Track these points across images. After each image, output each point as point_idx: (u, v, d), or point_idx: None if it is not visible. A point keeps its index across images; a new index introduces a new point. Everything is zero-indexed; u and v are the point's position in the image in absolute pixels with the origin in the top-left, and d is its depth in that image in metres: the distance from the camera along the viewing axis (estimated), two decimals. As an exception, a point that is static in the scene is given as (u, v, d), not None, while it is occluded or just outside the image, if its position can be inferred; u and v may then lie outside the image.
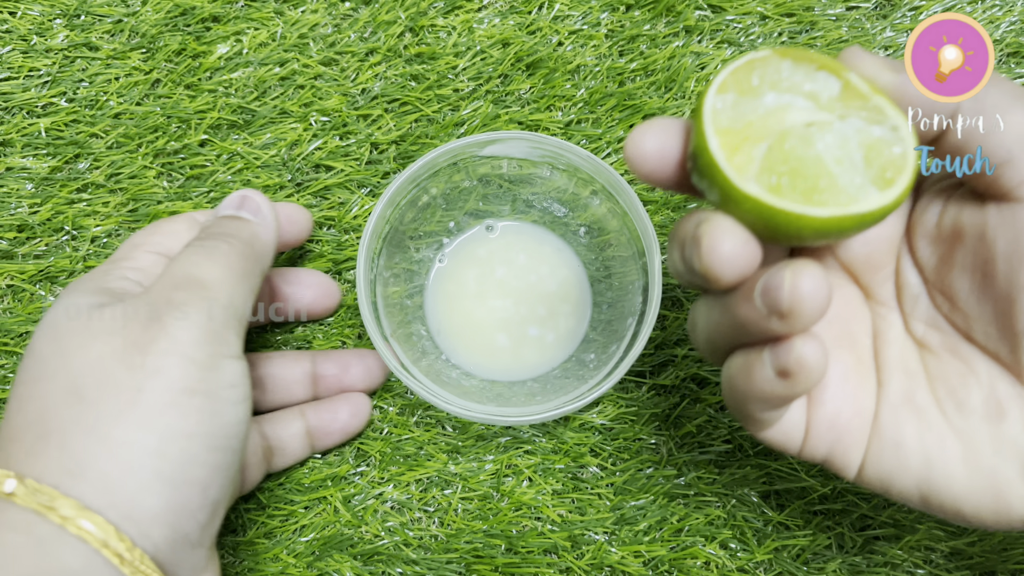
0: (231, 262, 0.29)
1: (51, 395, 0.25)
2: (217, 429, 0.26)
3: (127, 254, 0.32)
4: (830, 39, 0.42)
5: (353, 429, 0.36)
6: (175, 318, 0.26)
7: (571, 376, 0.37)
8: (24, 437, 0.25)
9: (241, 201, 0.32)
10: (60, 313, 0.28)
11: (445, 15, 0.43)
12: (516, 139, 0.35)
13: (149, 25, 0.42)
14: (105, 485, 0.24)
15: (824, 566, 0.37)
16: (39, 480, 0.24)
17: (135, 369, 0.25)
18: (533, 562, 0.36)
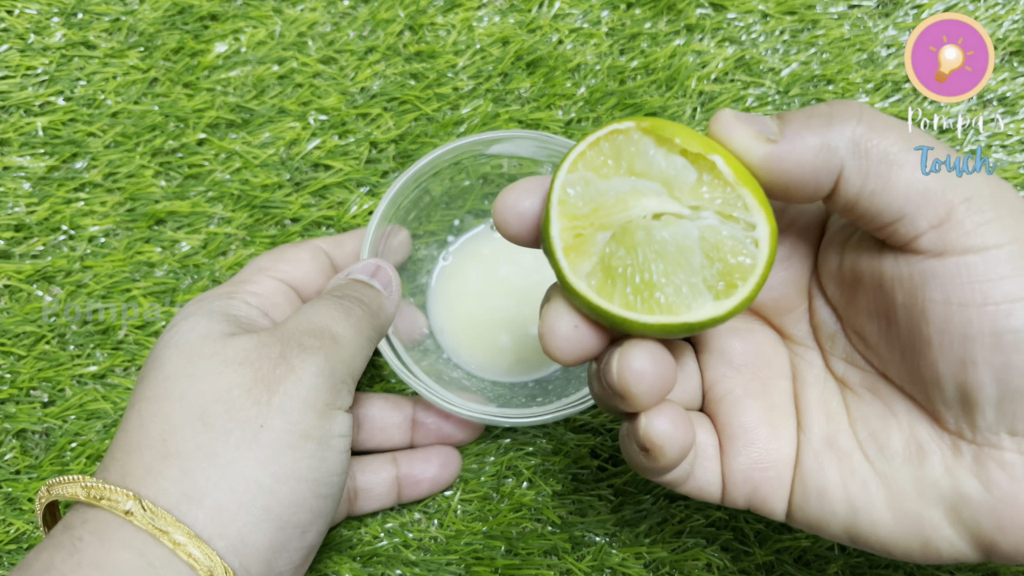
0: (362, 327, 0.30)
1: (177, 416, 0.26)
2: (324, 476, 0.27)
3: (250, 277, 0.32)
4: (832, 37, 0.42)
5: (443, 482, 0.36)
6: (304, 361, 0.27)
7: (573, 378, 0.37)
8: (145, 454, 0.25)
9: (375, 270, 0.33)
10: (193, 334, 0.28)
11: (445, 13, 0.42)
12: (522, 138, 0.35)
13: (147, 23, 0.42)
14: (219, 515, 0.24)
15: (825, 568, 0.36)
16: (155, 501, 0.24)
17: (261, 405, 0.26)
18: (533, 564, 0.36)
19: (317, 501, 0.26)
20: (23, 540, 0.36)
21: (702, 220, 0.22)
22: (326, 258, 0.34)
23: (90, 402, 0.38)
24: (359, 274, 0.33)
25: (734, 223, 0.22)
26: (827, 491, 0.25)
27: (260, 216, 0.40)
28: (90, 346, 0.39)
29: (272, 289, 0.32)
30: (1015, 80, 0.41)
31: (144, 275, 0.39)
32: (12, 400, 0.38)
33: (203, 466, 0.25)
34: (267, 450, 0.25)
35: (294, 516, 0.26)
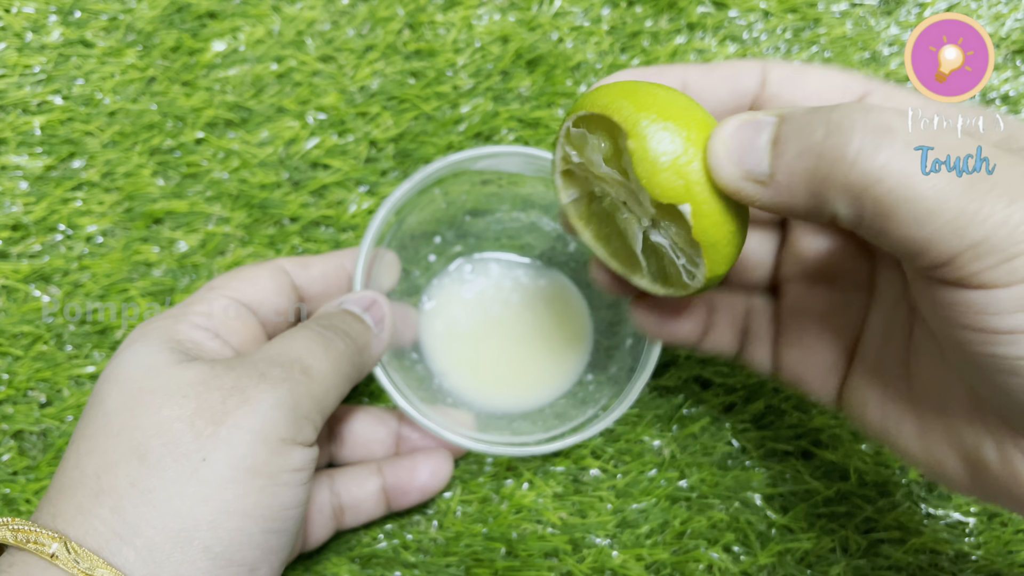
0: (340, 362, 0.28)
1: (112, 452, 0.25)
2: (275, 512, 0.25)
3: (201, 297, 0.30)
4: (834, 35, 0.42)
5: (432, 489, 0.34)
6: (261, 392, 0.26)
7: (577, 403, 0.36)
8: (77, 492, 0.24)
9: (370, 304, 0.32)
10: (133, 367, 0.26)
11: (444, 11, 0.42)
12: (509, 154, 0.34)
13: (145, 22, 0.41)
14: (151, 554, 0.23)
15: (828, 569, 0.36)
16: (83, 541, 0.23)
17: (203, 437, 0.24)
18: (533, 566, 0.36)
19: (266, 537, 0.25)
20: (20, 542, 0.36)
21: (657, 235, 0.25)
22: (286, 277, 0.33)
23: (87, 403, 0.38)
24: (352, 305, 0.31)
25: (682, 255, 0.25)
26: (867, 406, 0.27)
27: (258, 215, 0.40)
28: (88, 346, 0.38)
29: (222, 307, 0.30)
30: (1018, 79, 0.41)
31: (142, 275, 0.39)
32: (9, 401, 0.38)
33: (136, 503, 0.24)
34: (207, 486, 0.24)
35: (238, 554, 0.24)
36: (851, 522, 0.37)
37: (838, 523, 0.37)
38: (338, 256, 0.34)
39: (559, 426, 0.33)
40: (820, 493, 0.37)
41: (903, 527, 0.37)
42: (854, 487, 0.37)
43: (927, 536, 0.37)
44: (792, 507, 0.37)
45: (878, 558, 0.36)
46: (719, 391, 0.38)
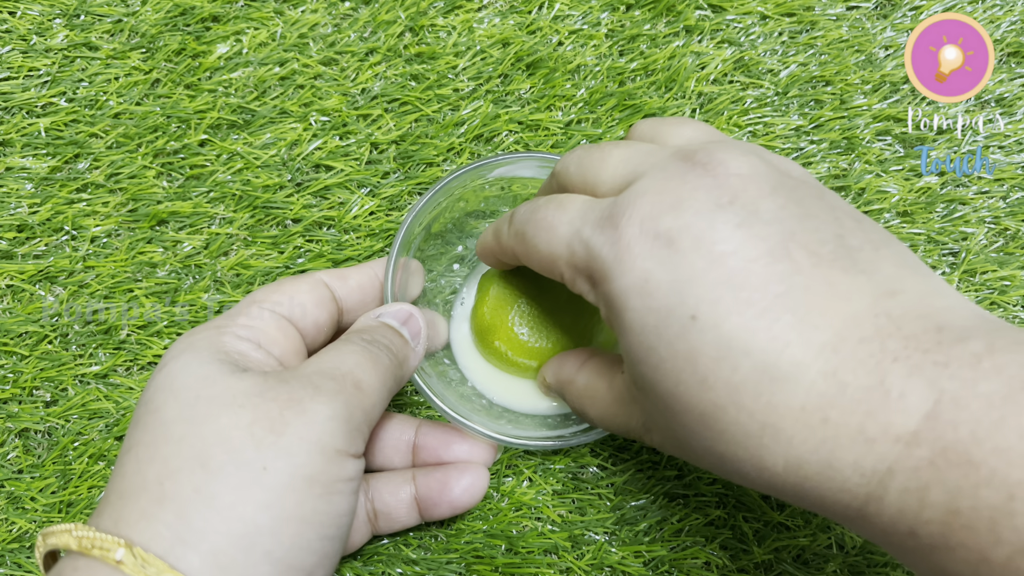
0: (386, 377, 0.29)
1: (175, 459, 0.25)
2: (331, 519, 0.26)
3: (243, 310, 0.31)
4: (830, 39, 0.42)
5: (464, 504, 0.34)
6: (317, 403, 0.26)
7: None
8: (140, 498, 0.25)
9: (406, 318, 0.32)
10: (187, 376, 0.27)
11: (445, 15, 0.43)
12: (523, 159, 0.35)
13: (149, 25, 0.42)
14: (216, 559, 0.24)
15: (824, 566, 0.36)
16: (148, 547, 0.23)
17: (264, 447, 0.25)
18: (533, 562, 0.36)
19: (323, 543, 0.26)
20: (25, 539, 0.37)
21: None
22: (326, 290, 0.33)
23: (92, 402, 0.38)
24: (391, 319, 0.32)
25: None
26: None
27: (261, 216, 0.40)
28: (92, 346, 0.39)
29: (264, 321, 0.30)
30: (1013, 81, 0.41)
31: (146, 275, 0.40)
32: (15, 400, 0.38)
33: (200, 509, 0.24)
34: (269, 492, 0.25)
35: (298, 559, 0.25)
36: (847, 519, 0.37)
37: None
38: (371, 267, 0.35)
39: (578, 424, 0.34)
40: (816, 491, 0.37)
41: (898, 524, 0.37)
42: (850, 485, 0.37)
43: (922, 533, 0.37)
44: (788, 504, 0.37)
45: (874, 555, 0.37)
46: (717, 390, 0.39)
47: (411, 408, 0.39)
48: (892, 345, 0.21)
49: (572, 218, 0.26)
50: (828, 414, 0.21)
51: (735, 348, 0.22)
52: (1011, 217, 0.40)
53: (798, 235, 0.23)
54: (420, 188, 0.41)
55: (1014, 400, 0.19)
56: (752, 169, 0.24)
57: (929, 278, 0.24)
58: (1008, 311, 0.39)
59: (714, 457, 0.24)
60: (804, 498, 0.23)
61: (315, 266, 0.40)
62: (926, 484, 0.20)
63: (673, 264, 0.23)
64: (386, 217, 0.40)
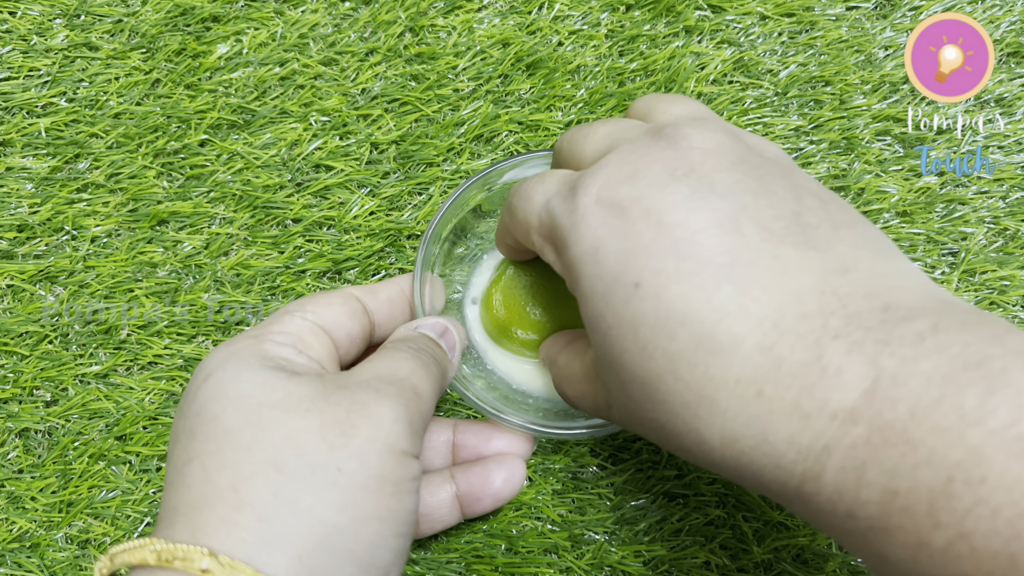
0: (436, 384, 0.30)
1: (247, 466, 0.25)
2: (402, 516, 0.26)
3: (276, 319, 0.31)
4: (830, 39, 0.42)
5: (506, 495, 0.34)
6: (382, 407, 0.26)
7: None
8: (216, 506, 0.24)
9: (443, 331, 0.33)
10: (244, 383, 0.27)
11: (445, 15, 0.43)
12: (536, 159, 0.35)
13: (149, 25, 0.42)
14: (302, 562, 0.24)
15: (824, 566, 0.37)
16: (232, 554, 0.23)
17: (336, 449, 0.25)
18: (533, 562, 0.36)
19: (398, 541, 0.26)
20: (25, 539, 0.37)
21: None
22: (358, 303, 0.33)
23: (92, 401, 0.38)
24: (430, 331, 0.32)
25: None
26: None
27: (262, 216, 0.40)
28: (92, 346, 0.39)
29: (299, 328, 0.31)
30: (1012, 81, 0.41)
31: (146, 275, 0.40)
32: (15, 399, 0.38)
33: (281, 513, 0.24)
34: (346, 494, 0.25)
35: (377, 558, 0.25)
36: (847, 519, 0.37)
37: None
38: (397, 282, 0.35)
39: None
40: (816, 491, 0.37)
41: (898, 524, 0.37)
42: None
43: (922, 533, 0.37)
44: (788, 504, 0.37)
45: (873, 555, 0.37)
46: (716, 390, 0.39)
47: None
48: (834, 322, 0.21)
49: (546, 189, 0.27)
50: (763, 388, 0.21)
51: (674, 317, 0.22)
52: (1011, 217, 0.40)
53: (750, 209, 0.23)
54: (420, 188, 0.41)
55: (955, 379, 0.19)
56: (716, 144, 0.24)
57: (889, 259, 0.23)
58: (1008, 311, 0.40)
59: (658, 428, 0.24)
60: (742, 475, 0.23)
61: (315, 266, 0.40)
62: (863, 463, 0.20)
63: (623, 232, 0.23)
64: (386, 217, 0.40)
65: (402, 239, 0.40)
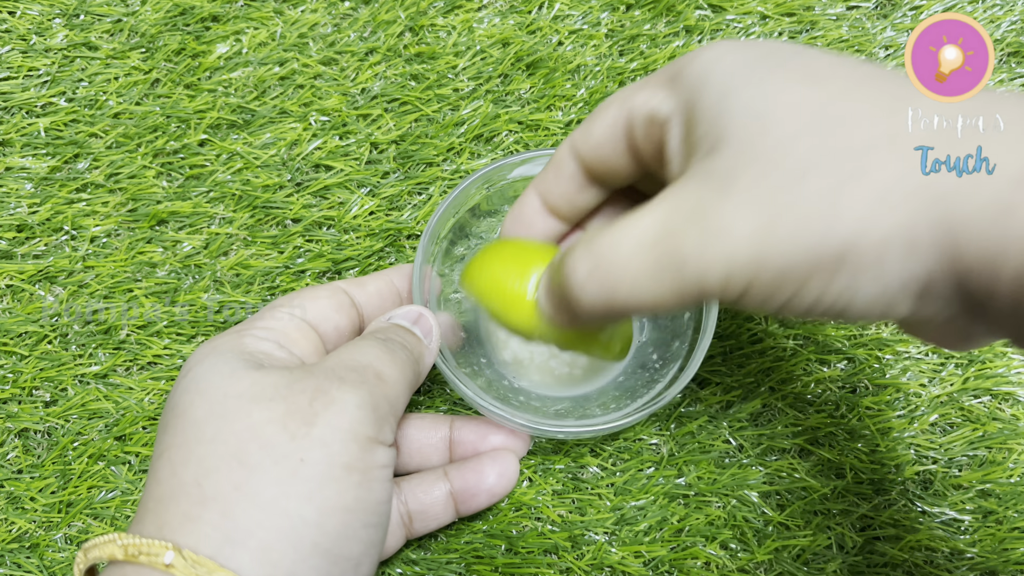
0: (405, 370, 0.30)
1: (211, 459, 0.25)
2: (371, 506, 0.26)
3: (262, 315, 0.31)
4: (830, 39, 0.42)
5: (500, 491, 0.35)
6: (344, 393, 0.26)
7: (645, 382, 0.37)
8: (181, 501, 0.24)
9: (417, 317, 0.33)
10: (213, 376, 0.27)
11: (445, 15, 0.43)
12: (540, 156, 0.35)
13: (148, 25, 0.42)
14: (266, 555, 0.23)
15: (824, 566, 0.36)
16: (196, 549, 0.23)
17: (299, 438, 0.25)
18: (533, 562, 0.36)
19: (367, 531, 0.26)
20: (25, 539, 0.37)
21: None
22: (346, 296, 0.34)
23: (92, 402, 0.38)
24: (401, 319, 0.32)
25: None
26: None
27: (261, 216, 0.40)
28: (92, 346, 0.39)
29: (284, 323, 0.31)
30: (1013, 81, 0.41)
31: (146, 275, 0.40)
32: (14, 399, 0.38)
33: (244, 506, 0.24)
34: (309, 484, 0.24)
35: (345, 549, 0.25)
36: (847, 519, 0.37)
37: (834, 520, 0.37)
38: (388, 274, 0.36)
39: (629, 404, 0.34)
40: (816, 491, 0.37)
41: (899, 524, 0.37)
42: (850, 485, 0.37)
43: (923, 533, 0.37)
44: (789, 504, 0.37)
45: (874, 555, 0.37)
46: (716, 390, 0.39)
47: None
48: None
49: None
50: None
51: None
52: (1011, 217, 0.40)
53: None
54: (420, 188, 0.41)
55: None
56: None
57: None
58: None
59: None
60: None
61: (315, 266, 0.40)
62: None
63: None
64: (386, 217, 0.40)
65: (402, 239, 0.40)
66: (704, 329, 0.34)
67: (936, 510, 0.37)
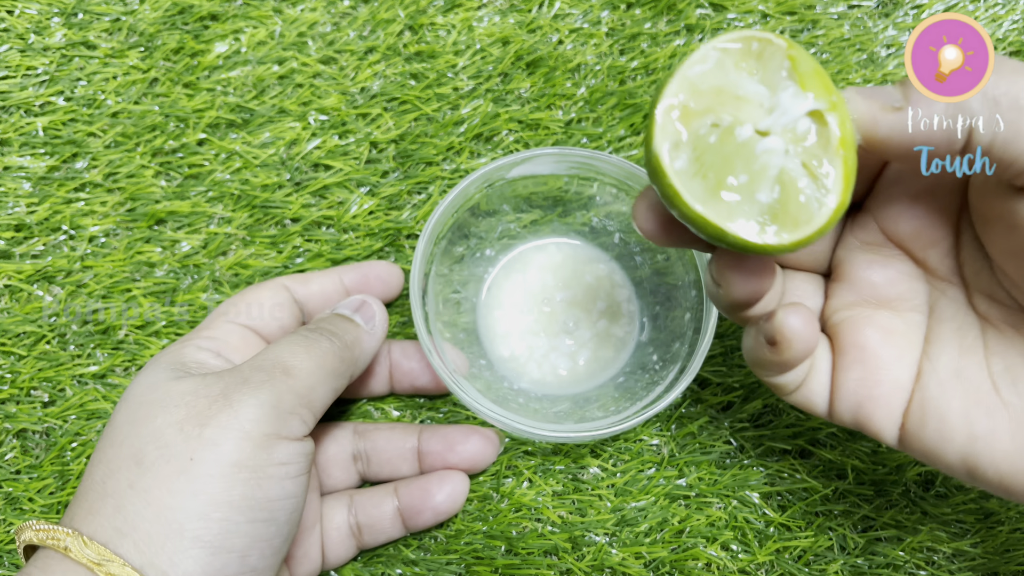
0: (325, 359, 0.31)
1: (115, 460, 0.28)
2: (260, 503, 0.27)
3: (208, 324, 0.33)
4: (832, 37, 0.42)
5: (446, 511, 0.35)
6: (243, 394, 0.28)
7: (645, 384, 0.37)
8: (87, 498, 0.27)
9: (359, 305, 0.34)
10: (138, 386, 0.30)
11: (445, 13, 0.42)
12: (541, 155, 0.35)
13: (147, 23, 0.42)
14: (147, 546, 0.26)
15: (826, 568, 0.36)
16: (92, 536, 0.26)
17: (191, 439, 0.27)
18: (533, 563, 0.36)
19: (254, 526, 0.27)
20: (23, 540, 0.36)
21: (789, 160, 0.22)
22: (286, 294, 0.35)
23: (90, 402, 0.38)
24: (343, 309, 0.34)
25: (812, 179, 0.22)
26: (947, 418, 0.26)
27: (260, 216, 0.40)
28: (90, 346, 0.39)
29: (226, 332, 0.33)
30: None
31: (144, 275, 0.39)
32: (12, 400, 0.38)
33: (134, 502, 0.26)
34: (196, 482, 0.27)
35: (228, 542, 0.27)
36: (848, 520, 0.37)
37: (835, 521, 0.37)
38: (337, 272, 0.37)
39: (629, 407, 0.34)
40: (818, 491, 0.37)
41: (900, 526, 0.37)
42: (851, 485, 0.37)
43: (924, 535, 0.37)
44: (790, 505, 0.37)
45: (875, 556, 0.37)
46: (717, 390, 0.39)
47: (421, 408, 0.38)
48: None
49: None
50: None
51: None
52: (1013, 217, 0.40)
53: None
54: (419, 187, 0.41)
55: None
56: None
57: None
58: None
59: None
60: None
61: (314, 266, 0.40)
62: None
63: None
64: (385, 216, 0.40)
65: (401, 238, 0.40)
66: (704, 331, 0.33)
67: (938, 511, 0.37)
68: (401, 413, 0.38)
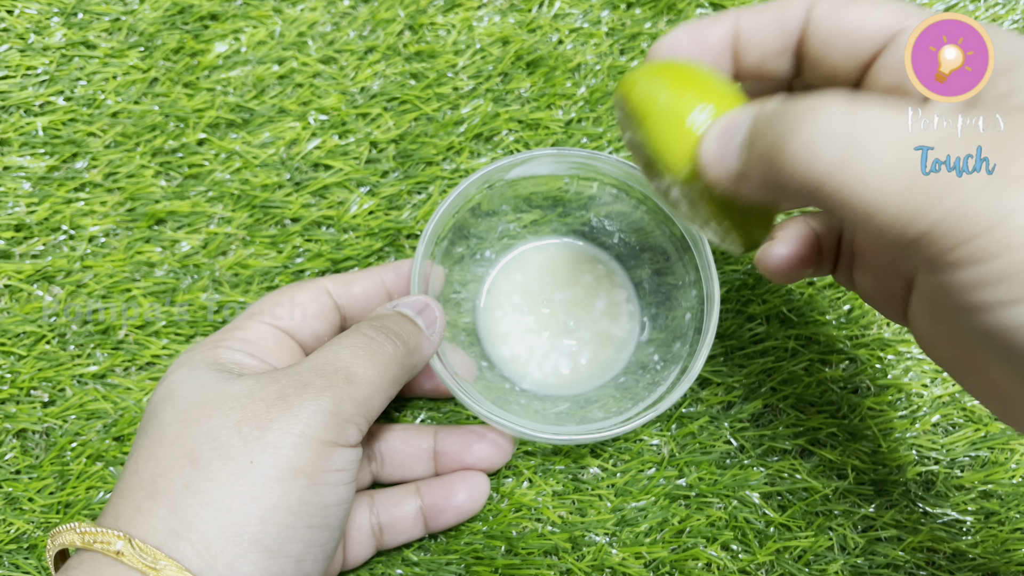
0: (387, 367, 0.30)
1: (167, 459, 0.27)
2: (317, 509, 0.27)
3: (241, 324, 0.32)
4: (832, 37, 0.42)
5: (468, 510, 0.35)
6: (303, 399, 0.27)
7: (641, 381, 0.37)
8: (136, 496, 0.26)
9: (422, 307, 0.33)
10: (185, 386, 0.29)
11: (445, 13, 0.42)
12: (540, 156, 0.35)
13: (147, 23, 0.42)
14: (207, 549, 0.25)
15: (826, 568, 0.36)
16: (145, 540, 0.25)
17: (250, 442, 0.26)
18: (533, 563, 0.36)
19: (310, 532, 0.27)
20: (23, 540, 0.36)
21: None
22: (328, 299, 0.34)
23: (90, 402, 0.38)
24: (406, 308, 0.32)
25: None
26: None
27: (260, 216, 0.40)
28: (90, 346, 0.39)
29: (260, 334, 0.32)
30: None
31: (144, 275, 0.39)
32: (12, 400, 0.38)
33: (190, 503, 0.26)
34: (255, 485, 0.26)
35: (285, 547, 0.26)
36: (849, 520, 0.37)
37: (836, 521, 0.37)
38: (378, 272, 0.36)
39: (630, 407, 0.34)
40: (818, 492, 0.37)
41: (901, 526, 0.37)
42: (852, 486, 0.37)
43: (924, 535, 0.37)
44: (790, 506, 0.37)
45: (876, 556, 0.37)
46: (717, 390, 0.38)
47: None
48: None
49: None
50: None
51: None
52: (1013, 216, 0.40)
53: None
54: (419, 187, 0.41)
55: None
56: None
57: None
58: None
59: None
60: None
61: (314, 265, 0.40)
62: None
63: None
64: (385, 216, 0.40)
65: (401, 238, 0.40)
66: (705, 331, 0.33)
67: (938, 511, 0.37)
68: (401, 413, 0.38)
